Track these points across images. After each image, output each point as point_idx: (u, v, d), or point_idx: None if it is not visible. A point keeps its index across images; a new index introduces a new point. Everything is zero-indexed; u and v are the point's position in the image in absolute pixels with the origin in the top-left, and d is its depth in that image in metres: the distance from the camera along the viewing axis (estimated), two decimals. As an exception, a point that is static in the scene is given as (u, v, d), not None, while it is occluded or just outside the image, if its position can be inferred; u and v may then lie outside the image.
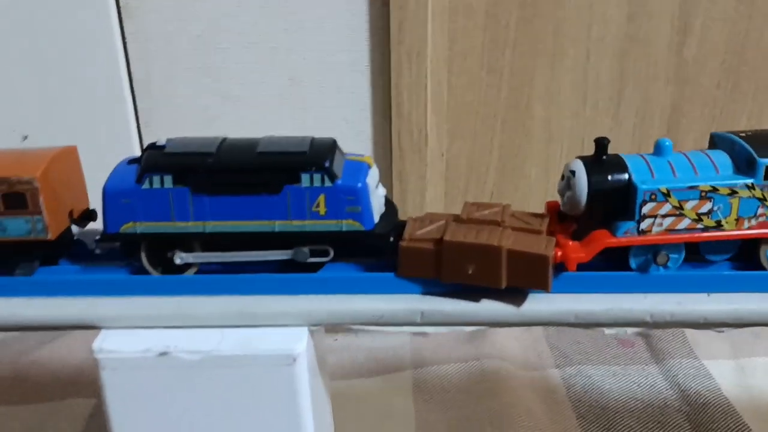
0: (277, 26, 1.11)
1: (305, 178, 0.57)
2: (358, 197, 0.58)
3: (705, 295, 0.57)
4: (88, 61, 1.09)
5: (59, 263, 0.63)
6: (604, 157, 0.56)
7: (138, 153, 1.12)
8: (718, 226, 0.55)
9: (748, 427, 0.97)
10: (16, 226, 0.59)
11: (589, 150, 1.23)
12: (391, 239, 0.60)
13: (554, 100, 1.18)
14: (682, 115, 1.20)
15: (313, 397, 0.60)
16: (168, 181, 0.57)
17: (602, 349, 1.15)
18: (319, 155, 0.58)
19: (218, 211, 0.58)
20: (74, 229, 0.63)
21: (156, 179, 0.57)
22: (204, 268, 0.61)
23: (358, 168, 0.60)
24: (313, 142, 0.60)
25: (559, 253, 0.56)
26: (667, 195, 0.54)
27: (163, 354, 0.57)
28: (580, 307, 0.57)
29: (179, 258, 0.59)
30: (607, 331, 1.15)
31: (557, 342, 1.16)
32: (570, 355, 1.13)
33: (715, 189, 0.54)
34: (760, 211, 0.55)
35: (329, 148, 0.59)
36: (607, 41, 1.15)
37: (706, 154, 0.57)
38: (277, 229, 0.58)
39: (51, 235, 0.60)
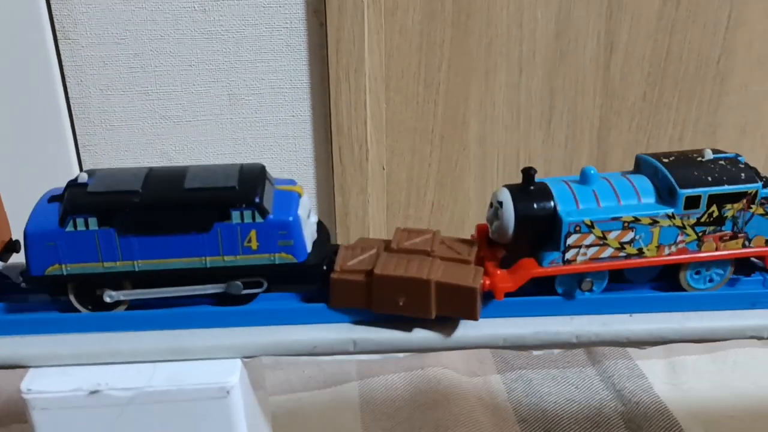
0: (214, 46, 1.09)
1: (236, 215, 0.55)
2: (290, 231, 0.56)
3: (627, 315, 0.58)
4: (25, 85, 1.05)
5: (-18, 300, 0.60)
6: (531, 187, 0.55)
7: (76, 174, 1.10)
8: (640, 253, 0.55)
9: (678, 422, 0.99)
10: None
11: (524, 161, 1.25)
12: (324, 268, 0.58)
13: (489, 114, 1.18)
14: (611, 127, 1.22)
15: (249, 426, 0.58)
16: (93, 223, 0.54)
17: (541, 353, 1.15)
18: (248, 190, 0.55)
19: (147, 251, 0.55)
20: (-2, 263, 0.60)
21: (80, 221, 0.54)
22: (135, 303, 0.59)
23: (289, 199, 0.58)
24: (242, 173, 0.57)
25: (487, 282, 0.55)
26: (591, 227, 0.54)
27: (94, 392, 0.55)
28: (509, 332, 0.57)
29: (109, 297, 0.56)
30: (535, 352, 1.15)
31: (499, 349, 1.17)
32: (511, 361, 1.14)
33: (637, 219, 0.54)
34: (680, 238, 0.55)
35: (258, 179, 0.57)
36: (538, 58, 1.15)
37: (630, 180, 0.57)
38: (208, 266, 0.56)
39: (-28, 273, 0.57)
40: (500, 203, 0.55)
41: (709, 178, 0.55)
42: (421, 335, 0.57)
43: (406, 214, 1.23)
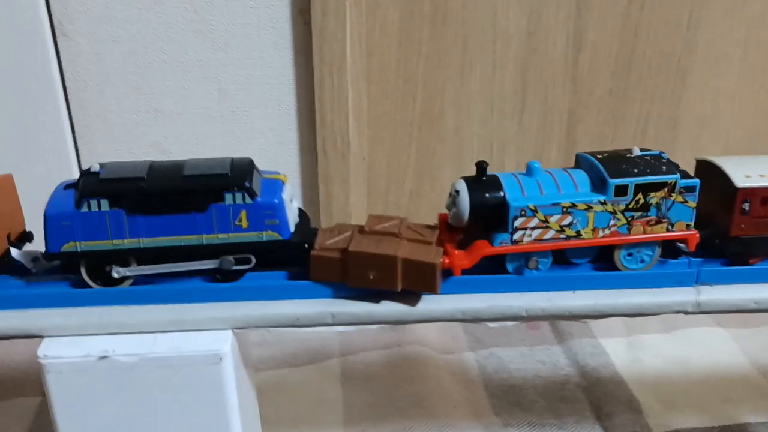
0: (205, 44, 1.15)
1: (228, 197, 0.63)
2: (276, 211, 0.64)
3: (571, 292, 0.65)
4: (24, 79, 1.11)
5: (-1, 282, 0.66)
6: (484, 178, 0.63)
7: (74, 164, 1.17)
8: (578, 235, 0.63)
9: (635, 396, 1.05)
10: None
11: (498, 151, 1.32)
12: (306, 246, 0.66)
13: (464, 107, 1.24)
14: (578, 120, 1.28)
15: (239, 391, 0.66)
16: (105, 204, 0.62)
17: (512, 332, 1.21)
18: (239, 176, 0.63)
19: (151, 229, 0.63)
20: (13, 251, 0.67)
21: (93, 203, 0.61)
22: (139, 279, 0.66)
23: (274, 185, 0.66)
24: (233, 164, 0.65)
25: (446, 261, 0.63)
26: (534, 211, 0.61)
27: (103, 358, 0.62)
28: (466, 306, 0.64)
29: (116, 272, 0.64)
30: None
31: (471, 327, 1.22)
32: (483, 339, 1.19)
33: (574, 205, 0.62)
34: (612, 222, 0.63)
35: (248, 169, 0.65)
36: (510, 55, 1.21)
37: (569, 173, 0.65)
38: (204, 242, 0.64)
39: (-9, 258, 0.64)
40: (457, 192, 0.63)
41: (635, 170, 0.62)
42: (391, 308, 0.64)
43: (385, 201, 1.29)
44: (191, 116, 1.19)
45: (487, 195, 0.63)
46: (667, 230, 0.64)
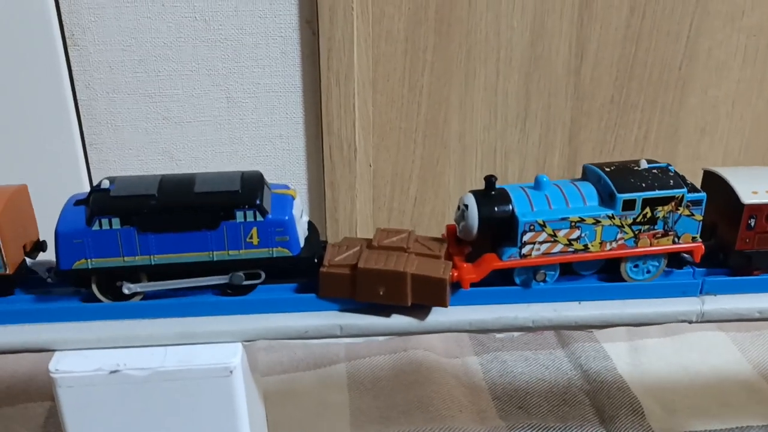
0: (214, 53, 1.14)
1: (239, 215, 0.62)
2: (286, 228, 0.63)
3: (577, 303, 0.64)
4: (36, 88, 1.10)
5: (15, 293, 0.66)
6: (493, 192, 0.62)
7: (83, 173, 1.16)
8: (586, 248, 0.62)
9: (638, 400, 1.04)
10: (-24, 265, 0.61)
11: (501, 158, 1.31)
12: (315, 260, 0.65)
13: (468, 115, 1.23)
14: (581, 127, 1.27)
15: (248, 402, 0.65)
16: (116, 222, 0.60)
17: (516, 337, 1.20)
18: (250, 194, 0.62)
19: (162, 246, 0.62)
20: (28, 261, 0.66)
21: (105, 221, 0.60)
22: (150, 294, 0.65)
23: (284, 201, 0.65)
24: (244, 179, 0.64)
25: (455, 274, 0.62)
26: (543, 225, 0.60)
27: (114, 372, 0.61)
28: (474, 317, 0.64)
29: (127, 289, 0.63)
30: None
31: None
32: (487, 344, 1.18)
33: (582, 220, 0.61)
34: (619, 235, 0.62)
35: (258, 184, 0.64)
36: (513, 63, 1.21)
37: (577, 187, 0.64)
38: (215, 259, 0.63)
39: (9, 270, 0.63)
40: (466, 206, 0.62)
41: (643, 185, 0.62)
42: (398, 321, 0.64)
43: (390, 208, 1.29)
44: (200, 124, 1.19)
45: (495, 209, 0.62)
46: (674, 242, 0.63)
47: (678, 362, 1.14)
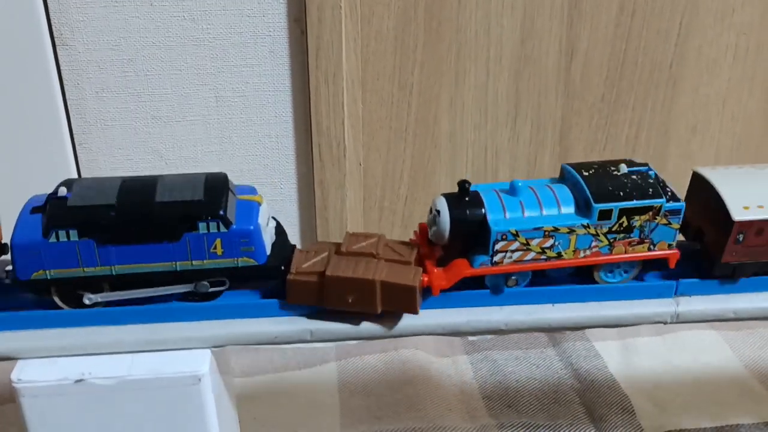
0: (202, 52, 1.11)
1: (202, 226, 0.58)
2: (251, 239, 0.59)
3: (550, 305, 0.61)
4: (25, 88, 1.08)
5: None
6: (466, 197, 0.58)
7: (73, 171, 1.13)
8: (559, 256, 0.58)
9: (628, 398, 1.03)
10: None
11: (491, 157, 1.28)
12: (282, 268, 0.61)
13: (458, 114, 1.20)
14: (571, 126, 1.24)
15: (218, 410, 0.62)
16: (73, 234, 0.57)
17: (506, 336, 1.18)
18: (214, 204, 0.58)
19: (123, 257, 0.58)
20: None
21: (62, 233, 0.57)
22: (113, 302, 0.62)
23: (249, 208, 0.61)
24: (207, 185, 0.60)
25: (426, 280, 0.58)
26: (516, 235, 0.57)
27: (79, 381, 0.58)
28: (446, 321, 0.61)
29: (88, 299, 0.59)
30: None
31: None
32: (477, 343, 1.16)
33: (556, 229, 0.57)
34: (594, 243, 0.58)
35: (222, 191, 0.60)
36: (504, 62, 1.17)
37: (552, 190, 0.60)
38: (178, 269, 0.59)
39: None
40: (438, 212, 0.58)
41: (621, 193, 0.58)
42: (370, 325, 0.61)
43: (381, 207, 1.26)
44: (189, 123, 1.16)
45: (467, 214, 0.58)
46: (649, 250, 0.59)
47: (669, 360, 1.12)
